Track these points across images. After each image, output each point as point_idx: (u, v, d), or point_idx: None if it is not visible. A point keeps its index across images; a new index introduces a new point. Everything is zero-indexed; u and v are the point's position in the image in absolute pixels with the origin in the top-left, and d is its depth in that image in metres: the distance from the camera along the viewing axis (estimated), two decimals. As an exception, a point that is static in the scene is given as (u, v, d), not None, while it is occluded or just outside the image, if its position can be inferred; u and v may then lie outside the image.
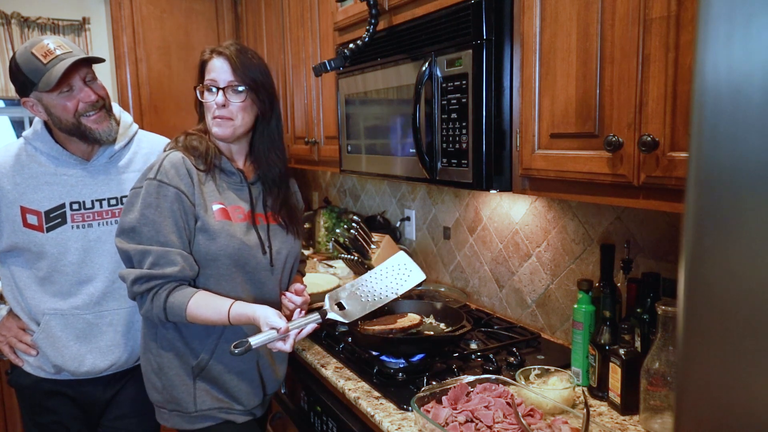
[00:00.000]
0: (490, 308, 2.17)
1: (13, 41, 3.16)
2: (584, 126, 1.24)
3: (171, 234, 1.42)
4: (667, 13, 1.04)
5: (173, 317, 1.42)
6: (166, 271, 1.40)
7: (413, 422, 1.38)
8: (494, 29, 1.43)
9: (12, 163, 1.65)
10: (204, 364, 1.52)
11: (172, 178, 1.45)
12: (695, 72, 0.59)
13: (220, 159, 1.54)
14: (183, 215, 1.45)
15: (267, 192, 1.62)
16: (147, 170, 1.50)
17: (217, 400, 1.54)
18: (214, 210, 1.49)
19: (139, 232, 1.42)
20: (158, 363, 1.54)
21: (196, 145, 1.53)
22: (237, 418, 1.57)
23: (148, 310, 1.43)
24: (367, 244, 2.37)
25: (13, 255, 1.68)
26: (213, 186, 1.52)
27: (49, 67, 1.54)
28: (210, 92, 1.51)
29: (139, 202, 1.44)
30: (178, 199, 1.44)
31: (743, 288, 0.57)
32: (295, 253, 1.64)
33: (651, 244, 1.54)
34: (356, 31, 2.05)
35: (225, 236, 1.48)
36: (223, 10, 3.40)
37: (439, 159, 1.60)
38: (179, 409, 1.54)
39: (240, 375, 1.56)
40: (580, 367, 1.54)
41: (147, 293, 1.42)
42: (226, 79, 1.49)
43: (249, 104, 1.52)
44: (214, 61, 1.51)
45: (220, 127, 1.51)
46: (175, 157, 1.48)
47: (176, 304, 1.41)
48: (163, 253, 1.41)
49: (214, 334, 1.52)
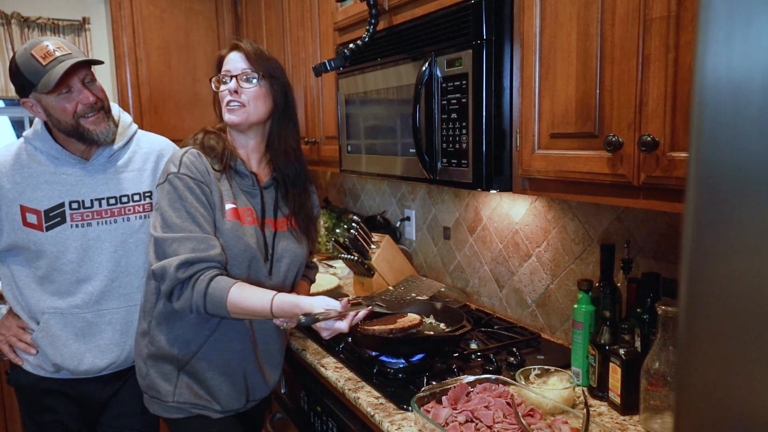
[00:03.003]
0: (490, 308, 2.17)
1: (13, 41, 3.16)
2: (584, 126, 1.24)
3: (205, 223, 1.45)
4: (667, 13, 1.04)
5: (213, 306, 1.40)
6: (210, 253, 1.41)
7: (413, 422, 1.38)
8: (494, 29, 1.43)
9: (12, 163, 1.65)
10: (189, 358, 1.54)
11: (195, 173, 1.49)
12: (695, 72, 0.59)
13: (235, 161, 1.56)
14: (210, 206, 1.48)
15: (282, 194, 1.63)
16: (167, 166, 1.52)
17: (196, 396, 1.56)
18: (227, 209, 1.51)
19: (173, 223, 1.43)
20: (146, 351, 1.58)
21: (214, 145, 1.56)
22: (212, 414, 1.58)
23: (188, 299, 1.41)
24: (367, 244, 2.37)
25: (12, 254, 1.68)
26: (227, 186, 1.54)
27: (48, 68, 1.54)
28: (224, 83, 1.54)
29: (167, 196, 1.46)
30: (203, 191, 1.48)
31: (743, 288, 0.57)
32: (298, 262, 1.64)
33: (651, 244, 1.54)
34: (356, 31, 2.05)
35: (233, 237, 1.49)
36: (223, 10, 3.40)
37: (439, 159, 1.59)
38: (158, 397, 1.57)
39: (223, 376, 1.57)
40: (580, 367, 1.54)
41: (189, 280, 1.40)
42: (240, 67, 1.52)
43: (262, 93, 1.53)
44: (230, 55, 1.55)
45: (232, 113, 1.53)
46: (193, 154, 1.52)
47: (217, 291, 1.39)
48: (202, 239, 1.43)
49: (204, 331, 1.54)
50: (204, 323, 1.53)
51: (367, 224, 2.55)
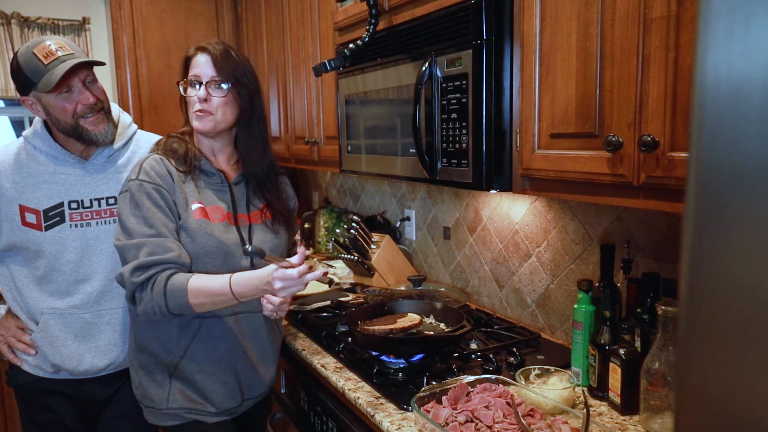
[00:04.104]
0: (490, 308, 2.17)
1: (13, 41, 3.16)
2: (584, 126, 1.23)
3: (162, 227, 1.45)
4: (667, 13, 1.04)
5: (174, 302, 1.40)
6: (165, 256, 1.42)
7: (413, 422, 1.38)
8: (494, 29, 1.43)
9: (11, 162, 1.65)
10: (177, 362, 1.55)
11: (153, 178, 1.49)
12: (695, 72, 0.59)
13: (199, 160, 1.58)
14: (168, 209, 1.48)
15: (251, 188, 1.64)
16: (129, 173, 1.54)
17: (189, 400, 1.56)
18: (193, 209, 1.52)
19: (132, 230, 1.45)
20: (138, 361, 1.59)
21: (176, 148, 1.57)
22: (207, 419, 1.58)
23: (148, 302, 1.41)
24: (367, 244, 2.37)
25: (11, 254, 1.68)
26: (192, 186, 1.55)
27: (50, 68, 1.55)
28: (193, 87, 1.54)
29: (128, 203, 1.48)
30: (161, 195, 1.48)
31: (743, 288, 0.57)
32: (278, 252, 1.63)
33: (651, 244, 1.54)
34: (356, 31, 2.05)
35: (203, 235, 1.50)
36: (223, 10, 3.40)
37: (439, 159, 1.59)
38: (153, 405, 1.58)
39: (212, 376, 1.57)
40: (580, 367, 1.54)
41: (146, 282, 1.41)
42: (208, 74, 1.52)
43: (230, 100, 1.54)
44: (198, 57, 1.55)
45: (200, 121, 1.54)
46: (154, 159, 1.53)
47: (176, 286, 1.40)
48: (159, 242, 1.43)
49: (188, 333, 1.54)
50: (186, 326, 1.54)
51: (367, 224, 2.55)
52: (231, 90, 1.53)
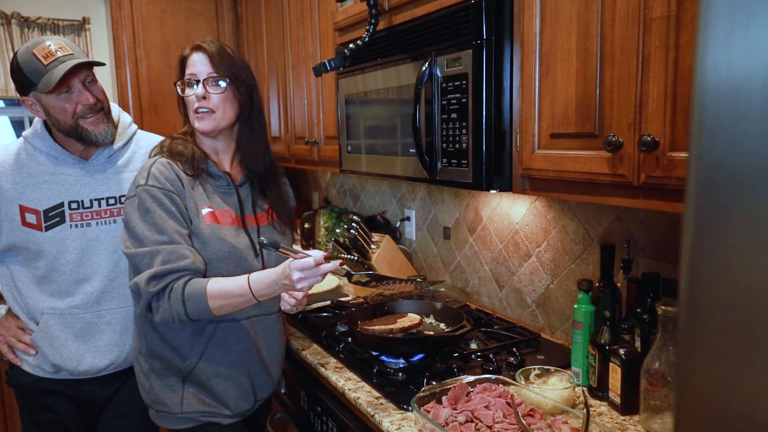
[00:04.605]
0: (490, 308, 2.17)
1: (13, 41, 3.16)
2: (584, 126, 1.23)
3: (174, 233, 1.43)
4: (667, 13, 1.04)
5: (194, 308, 1.38)
6: (180, 264, 1.39)
7: (413, 422, 1.38)
8: (494, 29, 1.43)
9: (11, 162, 1.65)
10: (192, 367, 1.53)
11: (163, 183, 1.46)
12: (695, 72, 0.59)
13: (206, 163, 1.55)
14: (180, 215, 1.46)
15: (255, 190, 1.63)
16: (136, 178, 1.50)
17: (204, 404, 1.54)
18: (204, 214, 1.50)
19: (143, 238, 1.42)
20: (148, 366, 1.56)
21: (182, 150, 1.54)
22: (222, 420, 1.57)
23: (166, 310, 1.39)
24: (367, 244, 2.37)
25: (11, 254, 1.68)
26: (201, 190, 1.53)
27: (50, 68, 1.55)
28: (190, 87, 1.53)
29: (136, 209, 1.45)
30: (172, 201, 1.45)
31: (743, 288, 0.57)
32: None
33: (651, 244, 1.54)
34: (356, 31, 2.05)
35: (216, 240, 1.49)
36: (223, 10, 3.40)
37: (439, 159, 1.59)
38: (165, 410, 1.55)
39: (228, 380, 1.56)
40: (580, 367, 1.54)
41: (163, 291, 1.39)
42: (205, 71, 1.51)
43: (229, 96, 1.53)
44: (193, 56, 1.53)
45: (202, 121, 1.52)
46: (162, 164, 1.50)
47: (194, 292, 1.37)
48: (172, 250, 1.40)
49: (203, 338, 1.52)
50: (200, 331, 1.52)
51: (367, 224, 2.55)
52: (229, 86, 1.52)
